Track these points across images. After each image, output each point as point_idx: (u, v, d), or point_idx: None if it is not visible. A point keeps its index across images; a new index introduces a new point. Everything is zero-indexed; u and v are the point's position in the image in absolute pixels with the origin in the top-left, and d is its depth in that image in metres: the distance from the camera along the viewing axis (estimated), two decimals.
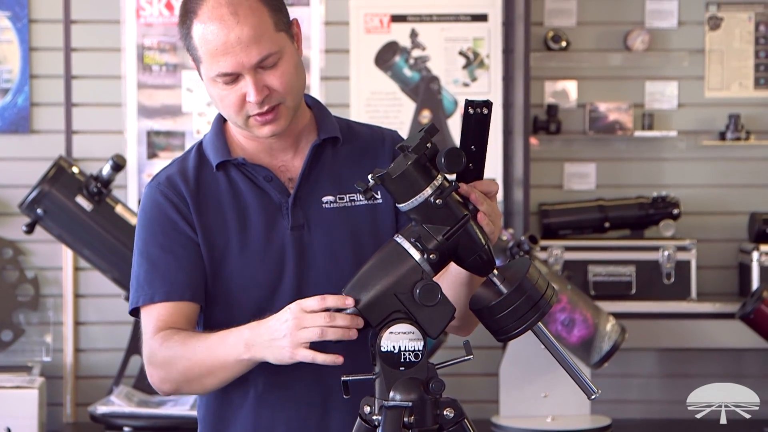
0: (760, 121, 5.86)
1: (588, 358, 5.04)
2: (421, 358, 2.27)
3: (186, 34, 2.50)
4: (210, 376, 2.46)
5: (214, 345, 2.43)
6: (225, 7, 2.44)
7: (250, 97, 2.45)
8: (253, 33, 2.43)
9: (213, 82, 2.48)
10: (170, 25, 5.62)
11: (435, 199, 2.28)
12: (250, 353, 2.38)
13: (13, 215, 5.43)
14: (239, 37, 2.42)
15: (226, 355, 2.41)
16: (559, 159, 5.85)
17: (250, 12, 2.44)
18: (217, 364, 2.43)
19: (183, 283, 2.52)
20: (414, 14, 5.73)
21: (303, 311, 2.31)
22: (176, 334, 2.48)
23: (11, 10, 5.58)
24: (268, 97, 2.47)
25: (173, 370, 2.48)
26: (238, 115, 2.49)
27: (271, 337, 2.34)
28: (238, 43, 2.43)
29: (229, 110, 2.50)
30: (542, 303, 2.30)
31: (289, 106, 2.51)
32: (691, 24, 5.86)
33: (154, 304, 2.52)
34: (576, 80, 5.85)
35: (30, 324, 5.60)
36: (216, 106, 2.55)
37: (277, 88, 2.47)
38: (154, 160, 5.60)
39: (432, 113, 5.75)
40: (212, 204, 2.56)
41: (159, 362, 2.49)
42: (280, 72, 2.47)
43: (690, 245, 5.61)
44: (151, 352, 2.50)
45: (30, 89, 5.60)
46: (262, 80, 2.46)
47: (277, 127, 2.51)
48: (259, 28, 2.44)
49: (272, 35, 2.46)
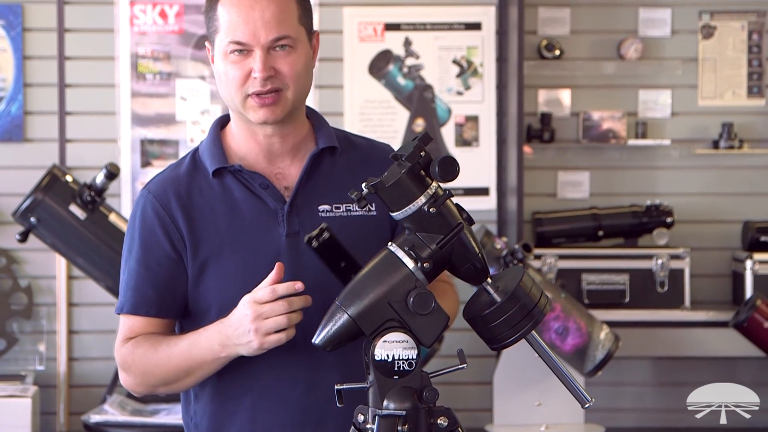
0: (753, 129, 5.86)
1: (582, 367, 5.03)
2: (414, 366, 2.27)
3: (212, 6, 2.54)
4: (189, 377, 2.54)
5: (188, 348, 2.50)
6: None
7: (256, 72, 2.48)
8: (278, 13, 2.49)
9: (224, 55, 2.51)
10: (164, 33, 5.62)
11: (429, 207, 2.28)
12: (226, 351, 2.46)
13: (7, 224, 5.43)
14: (263, 13, 2.48)
15: (203, 356, 2.49)
16: (553, 167, 5.86)
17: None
18: (194, 366, 2.51)
19: (150, 299, 2.57)
20: (408, 23, 5.73)
21: (257, 303, 2.39)
22: (145, 341, 2.55)
23: (5, 19, 5.58)
24: (272, 78, 2.50)
25: (150, 376, 2.56)
26: (239, 92, 2.51)
27: (237, 333, 2.42)
28: (261, 18, 2.48)
29: (232, 86, 2.52)
30: (536, 311, 2.30)
31: (289, 98, 2.52)
32: (684, 33, 5.87)
33: (128, 315, 2.59)
34: (569, 89, 5.85)
35: (23, 333, 5.59)
36: (219, 86, 2.57)
37: (284, 71, 2.50)
38: (147, 168, 5.60)
39: (426, 122, 5.76)
40: (205, 212, 2.57)
41: (133, 370, 2.57)
42: (291, 59, 2.51)
43: (683, 254, 5.61)
44: (123, 359, 2.58)
45: (24, 98, 5.60)
46: (272, 61, 2.50)
47: (272, 113, 2.52)
48: (285, 12, 2.50)
49: (294, 23, 2.52)
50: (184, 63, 5.64)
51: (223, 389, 2.58)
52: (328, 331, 2.30)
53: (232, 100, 2.54)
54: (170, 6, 5.63)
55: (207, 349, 2.47)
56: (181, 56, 5.63)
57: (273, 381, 2.53)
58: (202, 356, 2.48)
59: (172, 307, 2.59)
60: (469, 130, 5.77)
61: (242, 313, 2.41)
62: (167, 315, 2.59)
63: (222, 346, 2.45)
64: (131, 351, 2.56)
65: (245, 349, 2.43)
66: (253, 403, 2.56)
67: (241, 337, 2.42)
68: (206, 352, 2.48)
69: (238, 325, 2.42)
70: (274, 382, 2.53)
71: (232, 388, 2.56)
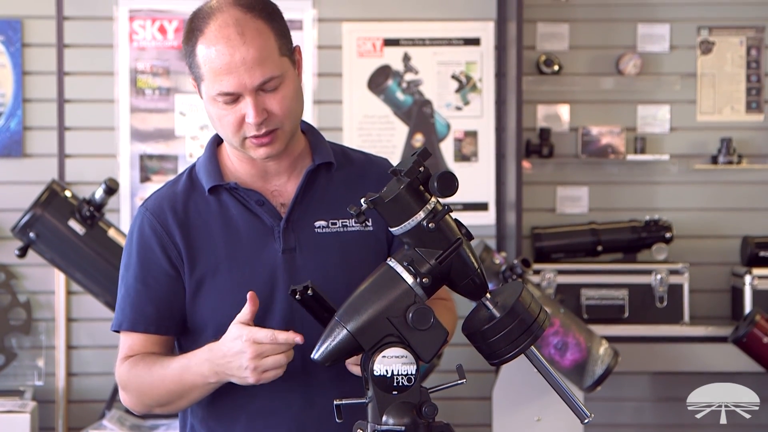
0: (751, 144, 5.87)
1: (581, 382, 5.03)
2: (413, 382, 2.27)
3: (190, 52, 2.50)
4: (182, 399, 2.53)
5: (180, 372, 2.49)
6: (232, 27, 2.44)
7: (249, 119, 2.46)
8: (258, 55, 2.44)
9: (213, 101, 2.49)
10: (163, 49, 5.63)
11: (428, 222, 2.28)
12: (218, 377, 2.46)
13: (6, 239, 5.43)
14: (244, 57, 2.43)
15: (194, 381, 2.48)
16: (552, 182, 5.86)
17: (257, 34, 2.45)
18: (187, 389, 2.50)
19: (149, 316, 2.57)
20: (407, 38, 5.74)
21: (257, 343, 2.37)
22: (141, 361, 2.55)
23: (4, 34, 5.59)
24: (266, 121, 2.47)
25: (145, 397, 2.56)
26: (235, 136, 2.50)
27: (232, 366, 2.41)
28: (243, 63, 2.43)
29: (227, 130, 2.50)
30: (535, 327, 2.30)
31: (286, 131, 2.51)
32: (682, 48, 5.88)
33: (127, 332, 2.59)
34: (568, 104, 5.86)
35: (22, 348, 5.59)
36: (213, 126, 2.55)
37: (276, 112, 2.48)
38: (146, 183, 5.60)
39: (425, 137, 5.76)
40: (201, 229, 2.57)
41: (130, 389, 2.58)
42: (281, 96, 2.48)
43: (682, 269, 5.61)
44: (121, 378, 2.59)
45: (23, 113, 5.60)
46: (263, 103, 2.46)
47: (272, 149, 2.51)
48: (265, 50, 2.45)
49: (276, 59, 2.47)
50: (183, 78, 5.64)
51: (220, 406, 2.57)
52: (327, 347, 2.30)
53: (229, 141, 2.54)
54: (169, 21, 5.64)
55: (198, 374, 2.47)
56: (180, 71, 5.64)
57: (269, 399, 2.53)
58: (194, 380, 2.48)
59: (171, 323, 2.58)
60: (468, 145, 5.77)
61: (238, 349, 2.39)
62: (166, 332, 2.58)
63: (214, 373, 2.45)
64: (128, 370, 2.56)
65: (239, 381, 2.43)
66: (250, 420, 2.56)
67: (235, 370, 2.40)
68: (197, 377, 2.47)
69: (232, 358, 2.40)
70: (271, 399, 2.53)
71: (229, 405, 2.55)
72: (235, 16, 2.45)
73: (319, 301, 2.40)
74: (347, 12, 5.72)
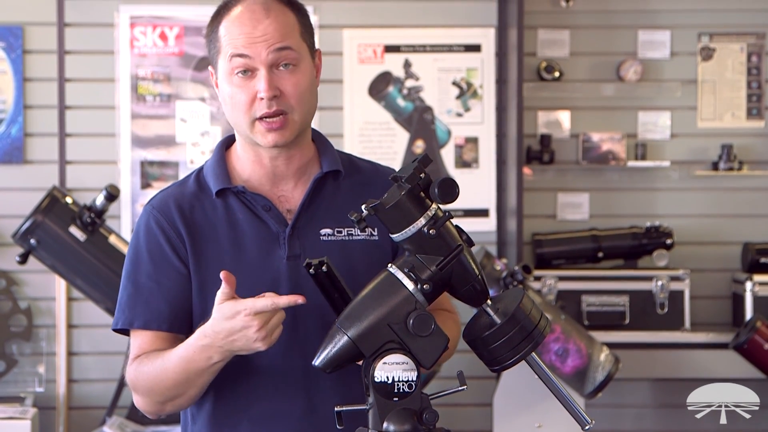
0: (752, 151, 5.87)
1: (582, 388, 5.03)
2: (414, 388, 2.27)
3: (213, 30, 2.54)
4: (191, 388, 2.49)
5: (182, 361, 2.45)
6: (259, 5, 2.51)
7: (261, 92, 2.48)
8: (280, 29, 2.49)
9: (228, 76, 2.51)
10: (164, 55, 5.63)
11: (428, 229, 2.28)
12: (222, 356, 2.41)
13: (7, 245, 5.43)
14: (266, 31, 2.48)
15: (198, 366, 2.44)
16: (553, 189, 5.86)
17: (281, 13, 2.51)
18: (192, 377, 2.46)
19: (163, 314, 2.55)
20: (407, 45, 5.74)
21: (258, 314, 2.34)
22: (147, 359, 2.53)
23: (5, 41, 5.59)
24: (277, 99, 2.49)
25: (154, 394, 2.53)
26: (246, 115, 2.51)
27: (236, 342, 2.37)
28: (263, 35, 2.48)
29: (239, 110, 2.51)
30: (536, 333, 2.30)
31: (296, 120, 2.52)
32: (683, 55, 5.89)
33: (139, 331, 2.56)
34: (569, 110, 5.86)
35: (23, 354, 5.59)
36: (225, 110, 2.56)
37: (288, 92, 2.50)
38: (147, 190, 5.60)
39: (425, 143, 5.76)
40: (207, 231, 2.57)
41: (139, 389, 2.56)
42: (295, 79, 2.50)
43: (683, 275, 5.61)
44: (130, 379, 2.57)
45: (24, 119, 5.60)
46: (276, 80, 2.49)
47: (281, 137, 2.51)
48: (286, 27, 2.51)
49: (296, 38, 2.52)
50: (184, 85, 5.65)
51: (222, 412, 2.57)
52: (328, 353, 2.30)
53: (240, 125, 2.54)
54: (170, 28, 5.64)
55: (202, 360, 2.43)
56: (181, 78, 5.64)
57: (271, 404, 2.52)
58: (198, 367, 2.44)
59: (184, 321, 2.56)
60: (468, 151, 5.77)
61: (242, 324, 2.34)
62: (179, 330, 2.55)
63: (219, 353, 2.40)
64: (136, 369, 2.54)
65: (246, 351, 2.39)
66: (251, 426, 2.55)
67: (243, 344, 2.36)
68: (201, 362, 2.43)
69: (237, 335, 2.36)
70: (273, 405, 2.52)
71: (230, 410, 2.55)
72: (263, 1, 2.52)
73: (332, 279, 2.39)
74: (348, 18, 5.72)
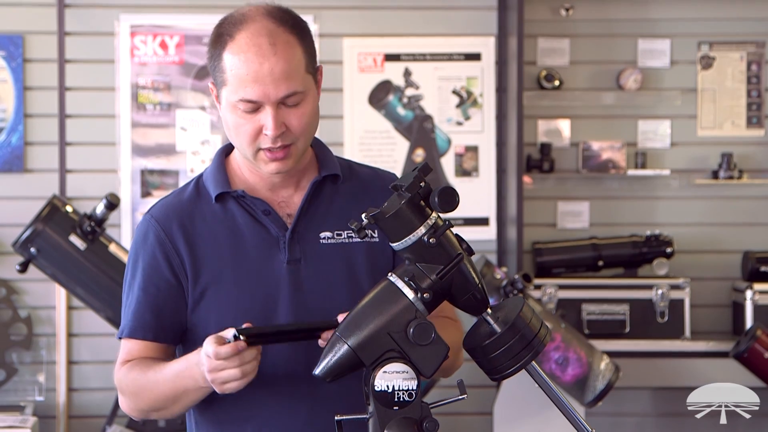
0: (752, 159, 5.87)
1: (582, 397, 5.03)
2: (415, 397, 2.27)
3: (216, 56, 2.50)
4: (175, 404, 2.53)
5: (173, 377, 2.49)
6: (264, 37, 2.45)
7: (268, 131, 2.47)
8: (287, 68, 2.45)
9: (233, 108, 2.49)
10: (164, 64, 5.64)
11: (428, 238, 2.28)
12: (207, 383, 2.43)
13: (7, 254, 5.43)
14: (272, 68, 2.44)
15: (186, 386, 2.48)
16: (553, 197, 5.86)
17: (288, 47, 2.47)
18: (179, 394, 2.50)
19: (147, 324, 2.57)
20: (407, 53, 5.75)
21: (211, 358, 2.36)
22: (137, 366, 2.56)
23: (6, 50, 5.60)
24: (283, 135, 2.48)
25: (140, 401, 2.56)
26: (250, 146, 2.50)
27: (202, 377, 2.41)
28: (270, 74, 2.44)
29: (243, 139, 2.51)
30: (536, 342, 2.30)
31: (299, 148, 2.53)
32: (683, 63, 5.89)
33: (127, 338, 2.60)
34: (569, 119, 5.86)
35: (23, 363, 5.59)
36: (228, 134, 2.56)
37: (294, 127, 2.49)
38: (147, 198, 5.60)
39: (425, 152, 5.76)
40: (206, 237, 2.57)
41: (126, 392, 2.58)
42: (300, 113, 2.49)
43: (683, 284, 5.61)
44: (118, 381, 2.60)
45: (24, 128, 5.61)
46: (282, 116, 2.47)
47: (283, 165, 2.52)
48: (293, 64, 2.46)
49: (302, 75, 2.48)
50: (185, 93, 5.65)
51: (225, 418, 2.57)
52: (328, 362, 2.30)
53: (242, 150, 2.54)
54: (171, 37, 5.64)
55: (190, 380, 2.46)
56: (181, 87, 5.65)
57: (274, 411, 2.53)
58: (186, 386, 2.48)
59: (170, 332, 2.59)
60: (468, 160, 5.78)
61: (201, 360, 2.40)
62: (165, 340, 2.59)
63: (203, 379, 2.43)
64: (125, 374, 2.57)
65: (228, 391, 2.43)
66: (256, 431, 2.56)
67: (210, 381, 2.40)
68: (190, 382, 2.47)
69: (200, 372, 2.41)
70: (276, 411, 2.53)
71: (233, 417, 2.56)
72: (268, 27, 2.46)
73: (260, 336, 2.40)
74: (348, 27, 5.73)
